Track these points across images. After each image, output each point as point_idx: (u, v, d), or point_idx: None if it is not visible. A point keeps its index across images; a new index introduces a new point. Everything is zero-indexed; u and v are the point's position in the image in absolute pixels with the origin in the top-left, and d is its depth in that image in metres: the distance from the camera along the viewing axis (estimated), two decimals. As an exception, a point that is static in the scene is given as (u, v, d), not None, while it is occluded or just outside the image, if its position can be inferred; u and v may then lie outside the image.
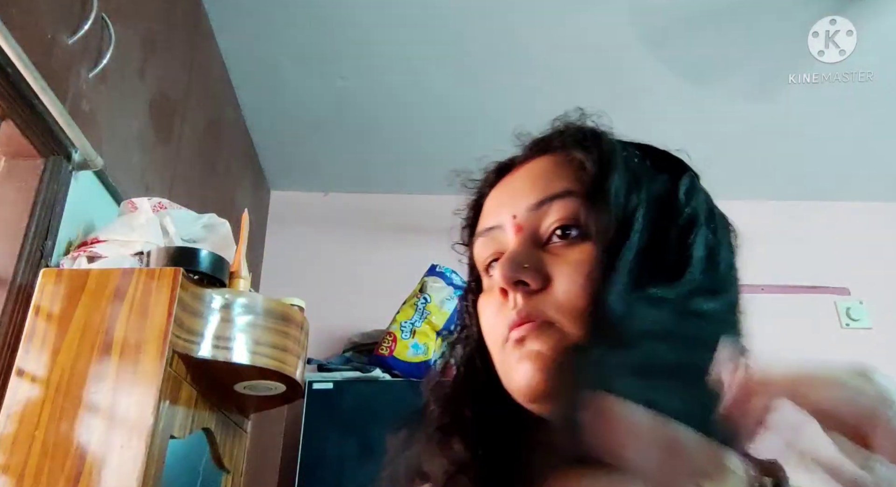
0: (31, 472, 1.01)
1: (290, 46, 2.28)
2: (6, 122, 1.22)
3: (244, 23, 2.19)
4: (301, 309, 1.44)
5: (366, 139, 2.74)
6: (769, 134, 2.68)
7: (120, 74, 1.56)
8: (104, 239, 1.29)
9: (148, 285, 1.14)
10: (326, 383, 2.21)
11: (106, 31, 1.44)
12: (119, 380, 1.07)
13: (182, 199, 1.62)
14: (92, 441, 1.03)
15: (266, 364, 1.27)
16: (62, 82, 1.30)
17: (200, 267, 1.24)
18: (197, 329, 1.19)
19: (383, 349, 2.30)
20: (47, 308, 1.14)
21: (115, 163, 1.52)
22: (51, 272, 1.19)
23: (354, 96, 2.49)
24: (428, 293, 2.34)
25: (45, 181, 1.28)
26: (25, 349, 1.11)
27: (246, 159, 2.72)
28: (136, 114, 1.67)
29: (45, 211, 1.27)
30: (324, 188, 3.07)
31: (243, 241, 1.41)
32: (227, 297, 1.26)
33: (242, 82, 2.44)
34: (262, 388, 1.37)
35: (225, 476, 1.46)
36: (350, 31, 2.21)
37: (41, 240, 1.25)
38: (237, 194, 2.54)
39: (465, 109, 2.55)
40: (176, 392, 1.14)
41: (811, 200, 3.07)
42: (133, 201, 1.39)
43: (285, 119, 2.64)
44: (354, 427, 2.08)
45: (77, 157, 1.36)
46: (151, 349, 1.09)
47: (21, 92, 1.17)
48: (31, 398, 1.07)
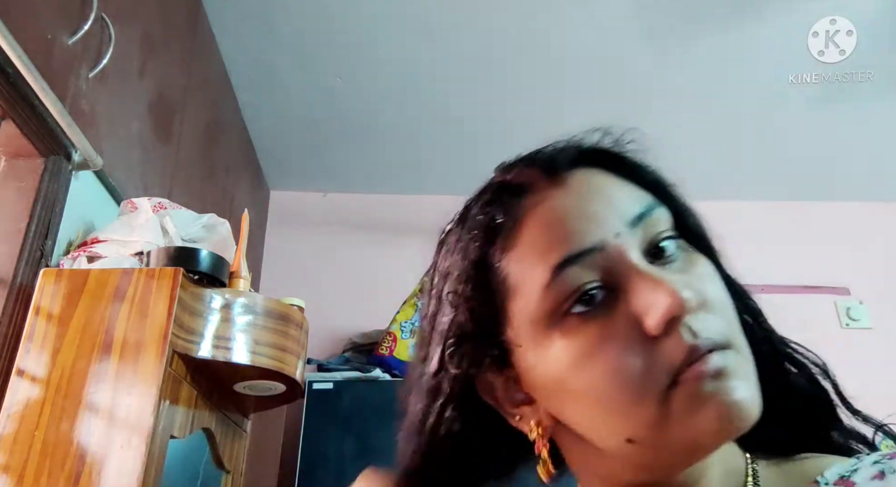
0: (31, 472, 1.01)
1: (290, 46, 2.28)
2: (6, 122, 1.22)
3: (244, 23, 2.19)
4: (301, 309, 1.44)
5: (365, 139, 2.74)
6: (769, 134, 2.67)
7: (119, 74, 1.56)
8: (104, 239, 1.29)
9: (148, 285, 1.14)
10: (326, 383, 2.21)
11: (106, 31, 1.44)
12: (119, 380, 1.07)
13: (182, 199, 1.62)
14: (92, 441, 1.03)
15: (266, 364, 1.27)
16: (62, 82, 1.30)
17: (200, 267, 1.24)
18: (197, 329, 1.19)
19: (383, 349, 2.30)
20: (47, 308, 1.14)
21: (115, 163, 1.52)
22: (51, 272, 1.19)
23: (354, 97, 2.49)
24: (428, 293, 2.34)
25: (45, 181, 1.28)
26: (25, 349, 1.11)
27: (245, 159, 2.72)
28: (136, 114, 1.67)
29: (45, 211, 1.27)
30: (323, 188, 3.07)
31: (243, 241, 1.41)
32: (227, 297, 1.26)
33: (242, 82, 2.44)
34: (262, 388, 1.37)
35: (225, 477, 1.46)
36: (349, 31, 2.21)
37: (41, 240, 1.25)
38: (237, 194, 2.54)
39: (464, 109, 2.55)
40: (176, 392, 1.14)
41: (811, 200, 3.07)
42: (133, 201, 1.39)
43: (285, 119, 2.64)
44: (354, 427, 2.08)
45: (77, 157, 1.36)
46: (151, 349, 1.09)
47: (21, 92, 1.17)
48: (31, 398, 1.07)
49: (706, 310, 0.39)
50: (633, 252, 0.40)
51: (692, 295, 0.38)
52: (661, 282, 0.38)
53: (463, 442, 0.47)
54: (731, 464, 0.45)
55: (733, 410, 0.36)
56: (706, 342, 0.37)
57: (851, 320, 2.83)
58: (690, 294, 0.38)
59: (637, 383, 0.38)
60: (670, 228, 0.43)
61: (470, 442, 0.47)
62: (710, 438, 0.37)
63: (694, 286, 0.39)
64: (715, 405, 0.36)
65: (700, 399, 0.37)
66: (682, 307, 0.37)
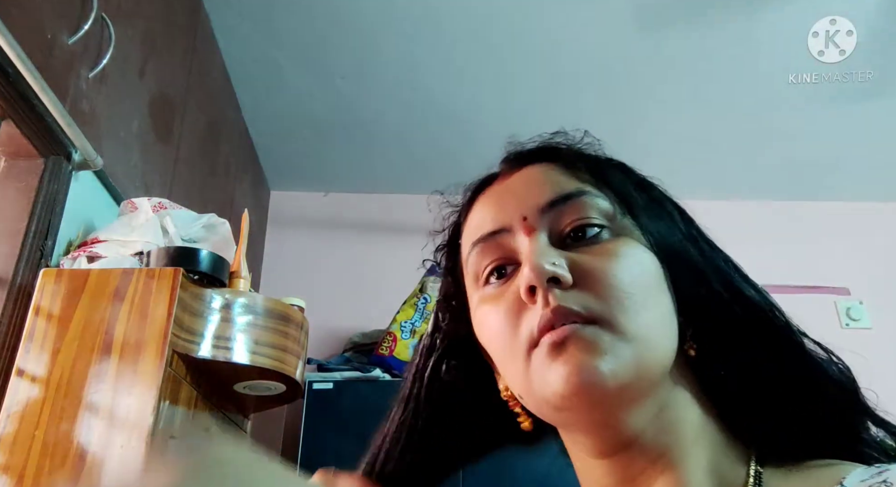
0: (31, 472, 1.01)
1: (290, 46, 2.28)
2: (6, 122, 1.22)
3: (244, 23, 2.19)
4: (301, 309, 1.44)
5: (366, 139, 2.74)
6: (769, 134, 2.67)
7: (120, 73, 1.56)
8: (104, 239, 1.29)
9: (148, 285, 1.14)
10: (326, 383, 2.21)
11: (106, 31, 1.44)
12: (119, 380, 1.07)
13: (182, 199, 1.62)
14: (92, 441, 1.03)
15: (266, 364, 1.27)
16: (62, 82, 1.30)
17: (200, 267, 1.24)
18: (197, 329, 1.19)
19: (383, 349, 2.30)
20: (47, 308, 1.14)
21: (115, 163, 1.52)
22: (51, 272, 1.19)
23: (354, 97, 2.49)
24: (428, 293, 2.34)
25: (45, 181, 1.28)
26: (25, 349, 1.11)
27: (246, 159, 2.72)
28: (136, 114, 1.67)
29: (45, 211, 1.27)
30: (323, 188, 3.07)
31: (243, 241, 1.41)
32: (227, 297, 1.26)
33: (242, 82, 2.44)
34: (262, 388, 1.37)
35: (225, 476, 1.45)
36: (350, 31, 2.21)
37: (41, 240, 1.25)
38: (237, 194, 2.54)
39: (464, 109, 2.55)
40: (176, 392, 1.14)
41: (811, 200, 3.07)
42: (133, 201, 1.39)
43: (285, 119, 2.64)
44: (354, 427, 2.07)
45: (77, 157, 1.36)
46: (151, 349, 1.09)
47: (21, 92, 1.17)
48: (31, 398, 1.07)
49: (581, 287, 0.42)
50: (537, 233, 0.45)
51: (558, 271, 0.42)
52: (531, 258, 0.43)
53: (449, 409, 0.52)
54: (728, 456, 0.44)
55: (575, 378, 0.39)
56: (564, 313, 0.41)
57: (851, 320, 2.83)
58: (554, 269, 0.42)
59: (508, 342, 0.44)
60: (598, 215, 0.46)
61: (455, 410, 0.52)
62: (560, 400, 0.41)
63: (581, 265, 0.43)
64: (558, 371, 0.40)
65: (547, 363, 0.41)
66: (540, 279, 0.42)
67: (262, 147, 2.80)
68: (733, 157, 2.81)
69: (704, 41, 2.22)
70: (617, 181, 0.49)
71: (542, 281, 0.42)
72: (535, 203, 0.47)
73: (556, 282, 0.42)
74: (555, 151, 0.51)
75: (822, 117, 2.55)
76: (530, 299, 0.42)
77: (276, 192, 3.09)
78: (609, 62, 2.33)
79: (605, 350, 0.40)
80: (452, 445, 0.53)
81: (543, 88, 2.41)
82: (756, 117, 2.57)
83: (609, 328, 0.41)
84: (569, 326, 0.41)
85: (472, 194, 0.53)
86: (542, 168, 0.50)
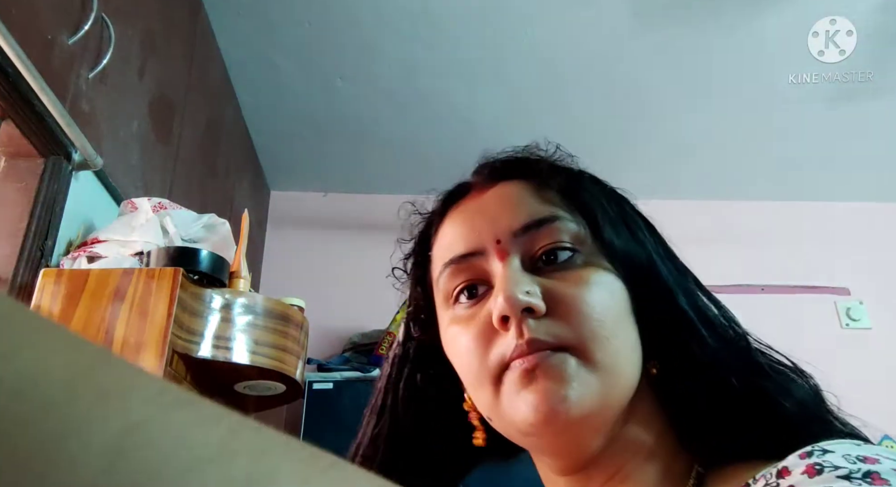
0: (31, 472, 1.01)
1: (291, 47, 2.28)
2: (6, 122, 1.22)
3: (244, 23, 2.19)
4: (301, 309, 1.44)
5: (365, 140, 2.74)
6: (770, 134, 2.68)
7: (120, 74, 1.56)
8: (104, 239, 1.29)
9: (148, 285, 1.14)
10: (326, 383, 2.21)
11: (106, 31, 1.44)
12: (119, 380, 1.07)
13: (182, 199, 1.62)
14: (92, 441, 1.03)
15: (266, 364, 1.27)
16: (62, 82, 1.30)
17: (200, 267, 1.24)
18: (197, 329, 1.19)
19: (383, 349, 2.30)
20: (47, 308, 1.14)
21: (115, 163, 1.52)
22: (51, 272, 1.19)
23: (354, 97, 2.49)
24: (428, 293, 2.34)
25: (45, 181, 1.28)
26: (25, 349, 1.11)
27: (245, 160, 2.72)
28: (136, 114, 1.67)
29: (45, 211, 1.27)
30: (323, 189, 3.07)
31: (243, 241, 1.41)
32: (227, 297, 1.26)
33: (242, 82, 2.44)
34: (262, 388, 1.37)
35: (225, 476, 1.45)
36: (350, 32, 2.21)
37: (41, 240, 1.25)
38: (237, 194, 2.54)
39: (463, 109, 2.55)
40: (176, 392, 1.14)
41: (811, 200, 3.07)
42: (133, 201, 1.39)
43: (285, 119, 2.64)
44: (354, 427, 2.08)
45: (77, 157, 1.36)
46: (151, 349, 1.09)
47: (21, 92, 1.17)
48: (31, 399, 1.07)
49: (554, 315, 0.43)
50: (510, 258, 0.45)
51: (532, 301, 0.42)
52: (505, 286, 0.43)
53: (424, 421, 0.52)
54: (674, 468, 0.44)
55: (543, 406, 0.40)
56: (536, 343, 0.41)
57: (851, 320, 2.83)
58: (528, 299, 0.42)
59: (477, 366, 0.44)
60: (570, 240, 0.46)
61: (431, 422, 0.52)
62: (529, 428, 0.42)
63: (553, 293, 0.43)
64: (526, 399, 0.41)
65: (516, 391, 0.42)
66: (514, 310, 0.42)
67: (261, 147, 2.80)
68: (733, 157, 2.81)
69: (704, 41, 2.22)
70: (588, 198, 0.49)
71: (517, 312, 0.42)
72: (509, 226, 0.47)
73: (529, 311, 0.42)
74: (528, 167, 0.51)
75: (822, 117, 2.55)
76: (503, 327, 0.43)
77: (276, 192, 3.09)
78: (609, 62, 2.33)
79: (572, 377, 0.41)
80: (430, 459, 0.52)
81: (543, 88, 2.41)
82: (756, 117, 2.57)
83: (578, 355, 0.42)
84: (540, 353, 0.41)
85: (443, 206, 0.53)
86: (515, 187, 0.50)
